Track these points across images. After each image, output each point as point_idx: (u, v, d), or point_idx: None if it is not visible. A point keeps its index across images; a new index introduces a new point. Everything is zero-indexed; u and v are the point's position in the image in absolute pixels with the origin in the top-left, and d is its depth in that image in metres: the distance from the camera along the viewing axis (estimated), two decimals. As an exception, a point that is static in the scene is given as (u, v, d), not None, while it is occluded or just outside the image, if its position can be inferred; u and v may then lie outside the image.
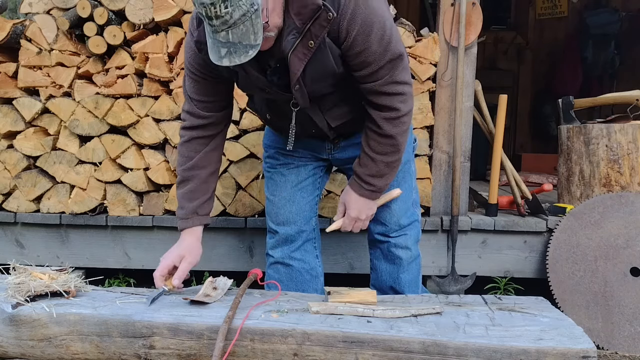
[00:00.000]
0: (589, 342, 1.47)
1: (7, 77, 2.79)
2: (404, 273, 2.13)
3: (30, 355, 1.64)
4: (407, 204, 2.09)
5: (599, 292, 2.52)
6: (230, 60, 1.50)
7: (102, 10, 2.63)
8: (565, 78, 5.87)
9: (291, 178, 2.07)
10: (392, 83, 1.71)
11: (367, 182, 1.84)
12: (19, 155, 2.79)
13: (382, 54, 1.66)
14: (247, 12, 1.42)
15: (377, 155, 1.80)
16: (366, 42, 1.63)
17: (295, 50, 1.61)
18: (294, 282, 2.10)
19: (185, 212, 1.88)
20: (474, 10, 2.74)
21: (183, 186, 1.89)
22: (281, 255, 2.10)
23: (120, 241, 2.86)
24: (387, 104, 1.73)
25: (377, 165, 1.81)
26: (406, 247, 2.11)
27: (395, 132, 1.76)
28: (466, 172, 2.83)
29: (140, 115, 2.72)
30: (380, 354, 1.49)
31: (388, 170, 1.84)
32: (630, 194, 2.63)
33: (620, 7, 5.84)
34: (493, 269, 2.85)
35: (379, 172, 1.83)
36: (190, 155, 1.88)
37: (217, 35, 1.47)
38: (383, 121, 1.75)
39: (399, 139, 1.78)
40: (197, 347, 1.55)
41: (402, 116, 1.75)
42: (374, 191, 1.86)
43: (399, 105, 1.73)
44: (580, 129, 2.85)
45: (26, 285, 1.66)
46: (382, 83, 1.70)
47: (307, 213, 2.10)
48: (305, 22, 1.58)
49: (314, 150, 2.05)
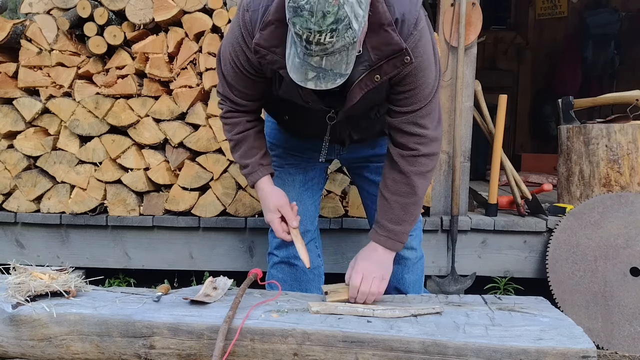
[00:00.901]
0: (588, 342, 1.47)
1: (7, 77, 2.79)
2: (408, 273, 2.12)
3: (30, 355, 1.64)
4: None
5: (599, 292, 2.52)
6: (316, 85, 1.47)
7: (102, 10, 2.63)
8: (565, 78, 5.87)
9: (299, 178, 2.06)
10: (413, 124, 1.71)
11: (383, 227, 1.78)
12: (19, 155, 2.79)
13: (422, 99, 1.68)
14: (347, 43, 1.40)
15: (391, 195, 1.76)
16: (413, 84, 1.65)
17: (360, 81, 1.61)
18: (298, 282, 2.10)
19: (251, 167, 1.87)
20: (473, 11, 2.74)
21: (238, 149, 1.89)
22: (286, 254, 2.09)
23: (120, 241, 2.86)
24: (404, 142, 1.73)
25: (392, 208, 1.76)
26: (412, 247, 2.11)
27: (411, 170, 1.73)
28: (466, 172, 2.83)
29: (140, 115, 2.72)
30: (380, 354, 1.49)
31: (404, 215, 1.77)
32: (630, 194, 2.63)
33: (620, 7, 5.84)
34: (493, 269, 2.85)
35: (396, 217, 1.77)
36: (234, 126, 1.88)
37: (309, 59, 1.43)
38: (399, 157, 1.74)
39: (414, 179, 1.74)
40: (197, 347, 1.55)
41: (420, 156, 1.74)
42: (391, 238, 1.77)
43: (415, 146, 1.73)
44: (580, 129, 2.86)
45: (26, 285, 1.66)
46: (405, 121, 1.71)
47: (312, 213, 2.10)
48: (381, 58, 1.57)
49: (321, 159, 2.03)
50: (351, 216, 2.79)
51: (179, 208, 2.77)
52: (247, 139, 1.88)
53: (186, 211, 2.79)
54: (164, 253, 2.85)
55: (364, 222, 2.75)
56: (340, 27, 1.36)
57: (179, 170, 2.77)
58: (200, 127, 2.73)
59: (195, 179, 2.75)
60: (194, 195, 2.77)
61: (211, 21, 2.67)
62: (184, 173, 2.75)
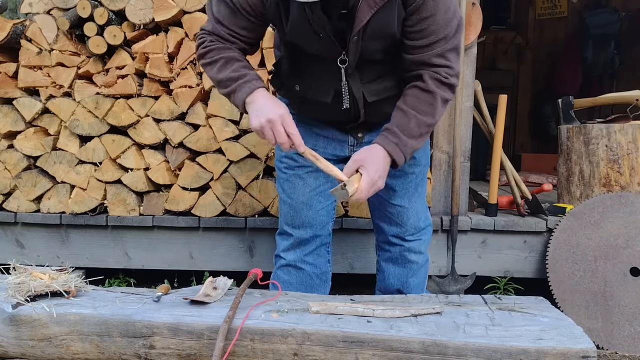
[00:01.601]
0: (588, 342, 1.47)
1: (7, 77, 2.79)
2: (413, 277, 2.10)
3: (30, 355, 1.64)
4: (423, 207, 2.08)
5: (599, 292, 2.52)
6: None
7: (102, 10, 2.64)
8: (565, 78, 5.87)
9: (310, 182, 1.99)
10: (440, 56, 1.66)
11: (394, 134, 1.68)
12: (19, 155, 2.79)
13: (444, 26, 1.62)
14: None
15: (410, 109, 1.68)
16: (434, 9, 1.59)
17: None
18: (303, 286, 2.06)
19: (249, 77, 1.70)
20: (474, 11, 2.74)
21: (229, 66, 1.71)
22: (294, 258, 2.05)
23: (120, 241, 2.86)
24: (435, 70, 1.67)
25: (409, 121, 1.67)
26: (419, 252, 2.08)
27: (436, 91, 1.66)
28: (466, 172, 2.83)
29: (140, 115, 2.72)
30: (380, 354, 1.49)
31: (417, 132, 1.69)
32: (630, 194, 2.63)
33: (620, 7, 5.84)
34: (493, 269, 2.85)
35: (409, 130, 1.68)
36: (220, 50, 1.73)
37: None
38: (428, 77, 1.67)
39: (438, 101, 1.67)
40: (197, 347, 1.55)
41: (446, 84, 1.68)
42: (397, 145, 1.67)
43: (445, 75, 1.67)
44: (580, 129, 2.86)
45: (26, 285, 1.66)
46: (432, 54, 1.65)
47: (324, 218, 2.04)
48: None
49: (336, 149, 1.97)
50: (351, 216, 2.79)
51: (179, 208, 2.77)
52: (240, 59, 1.74)
53: (186, 211, 2.79)
54: (164, 253, 2.85)
55: (364, 222, 2.76)
56: None
57: (179, 170, 2.77)
58: (200, 127, 2.73)
59: (195, 179, 2.75)
60: (194, 195, 2.77)
61: (211, 21, 2.66)
62: (184, 173, 2.75)
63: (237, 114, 2.70)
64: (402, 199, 2.01)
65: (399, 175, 1.95)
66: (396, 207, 2.02)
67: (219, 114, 2.70)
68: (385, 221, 2.07)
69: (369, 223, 2.74)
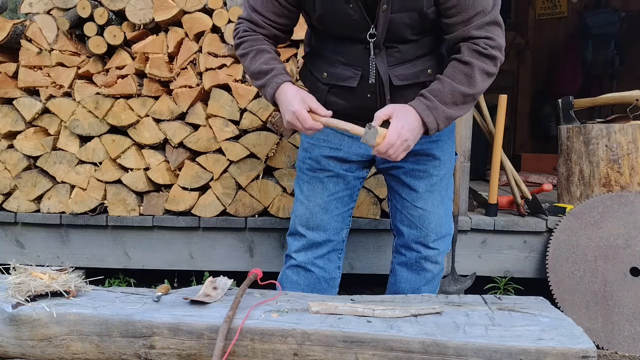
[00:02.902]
0: (588, 342, 1.47)
1: (7, 77, 2.79)
2: (425, 286, 2.07)
3: (30, 355, 1.64)
4: (448, 213, 2.03)
5: (599, 292, 2.52)
6: None
7: (102, 10, 2.64)
8: (565, 78, 5.87)
9: (330, 187, 1.98)
10: (480, 29, 1.64)
11: (427, 97, 1.66)
12: (19, 155, 2.79)
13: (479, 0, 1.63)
14: None
15: (447, 78, 1.66)
16: None
17: None
18: (310, 288, 2.04)
19: (277, 70, 1.74)
20: (473, 11, 2.73)
21: (260, 57, 1.77)
22: (304, 259, 2.03)
23: (120, 241, 2.86)
24: (475, 41, 1.65)
25: (444, 86, 1.65)
26: (436, 262, 2.05)
27: (475, 62, 1.64)
28: (466, 172, 2.83)
29: (140, 115, 2.73)
30: (380, 354, 1.49)
31: (451, 99, 1.66)
32: (630, 194, 2.63)
33: (620, 7, 5.84)
34: (493, 268, 2.85)
35: (442, 95, 1.65)
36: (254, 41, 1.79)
37: None
38: (466, 49, 1.66)
39: (476, 72, 1.64)
40: (197, 347, 1.55)
41: (487, 56, 1.65)
42: (430, 109, 1.64)
43: (484, 45, 1.65)
44: (580, 129, 2.86)
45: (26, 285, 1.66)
46: (471, 29, 1.65)
47: (339, 224, 2.03)
48: None
49: (361, 147, 1.93)
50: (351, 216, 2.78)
51: (179, 208, 2.77)
52: (269, 51, 1.79)
53: (186, 211, 2.79)
54: (164, 253, 2.85)
55: (364, 222, 2.76)
56: None
57: (179, 170, 2.77)
58: (200, 127, 2.73)
59: (195, 179, 2.75)
60: (194, 195, 2.77)
61: (211, 21, 2.67)
62: (184, 173, 2.75)
63: (237, 114, 2.70)
64: (425, 202, 1.98)
65: (422, 175, 1.94)
66: (418, 209, 1.98)
67: (219, 114, 2.70)
68: (405, 224, 2.03)
69: (369, 223, 2.75)
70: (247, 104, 2.69)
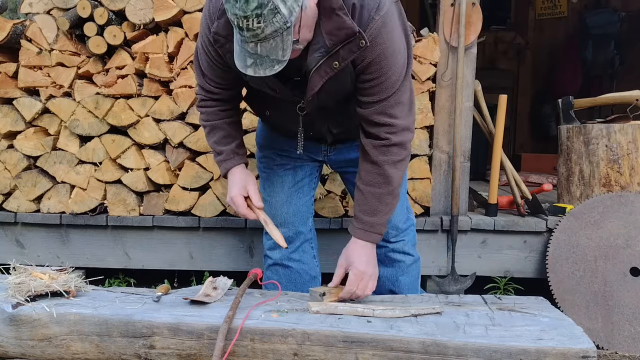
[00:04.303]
0: (588, 342, 1.47)
1: (7, 77, 2.79)
2: (403, 275, 2.12)
3: (30, 355, 1.64)
4: (402, 209, 2.09)
5: (599, 292, 2.52)
6: (254, 71, 1.48)
7: (102, 10, 2.63)
8: (565, 78, 5.87)
9: (288, 179, 2.06)
10: (382, 114, 1.70)
11: (358, 219, 1.78)
12: (19, 155, 2.79)
13: (388, 88, 1.66)
14: (279, 29, 1.40)
15: (365, 186, 1.76)
16: (378, 72, 1.64)
17: (318, 68, 1.61)
18: (292, 284, 2.09)
19: (225, 154, 1.89)
20: (474, 10, 2.74)
21: (213, 135, 1.91)
22: (279, 256, 2.10)
23: (120, 241, 2.86)
24: (374, 132, 1.73)
25: (367, 199, 1.76)
26: (404, 252, 2.11)
27: (383, 160, 1.72)
28: (466, 172, 2.83)
29: (140, 115, 2.72)
30: (380, 354, 1.49)
31: (378, 205, 1.76)
32: (630, 194, 2.63)
33: (620, 7, 5.84)
34: (493, 269, 2.85)
35: (370, 208, 1.76)
36: (209, 114, 1.91)
37: (245, 45, 1.45)
38: (371, 147, 1.73)
39: (387, 168, 1.73)
40: (197, 347, 1.55)
41: (391, 145, 1.72)
42: (367, 230, 1.76)
43: (386, 136, 1.72)
44: (580, 129, 2.86)
45: (26, 285, 1.66)
46: (374, 111, 1.70)
47: (304, 214, 2.10)
48: (336, 44, 1.57)
49: (310, 152, 2.04)
50: (351, 216, 2.78)
51: (179, 208, 2.77)
52: (222, 126, 1.90)
53: (186, 211, 2.79)
54: (164, 253, 2.85)
55: (364, 222, 2.75)
56: (265, 12, 1.36)
57: (179, 170, 2.77)
58: (200, 127, 2.72)
59: (195, 179, 2.75)
60: (194, 195, 2.77)
61: (211, 21, 2.66)
62: (184, 173, 2.75)
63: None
64: None
65: None
66: None
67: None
68: None
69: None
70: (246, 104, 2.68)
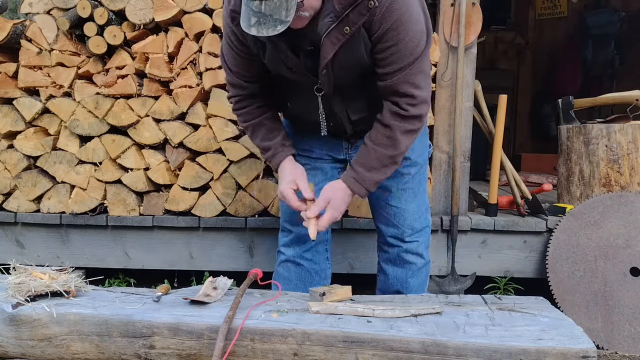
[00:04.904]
0: (588, 342, 1.47)
1: (7, 77, 2.79)
2: (412, 278, 2.12)
3: (30, 355, 1.64)
4: (421, 208, 2.09)
5: (599, 292, 2.52)
6: (258, 31, 1.49)
7: (102, 10, 2.63)
8: (565, 78, 5.87)
9: (308, 180, 2.03)
10: (405, 83, 1.69)
11: (354, 169, 1.80)
12: (19, 155, 2.79)
13: (408, 54, 1.65)
14: None
15: (372, 144, 1.77)
16: (395, 38, 1.62)
17: (329, 33, 1.61)
18: (302, 282, 2.10)
19: (273, 149, 1.90)
20: (474, 10, 2.74)
21: (257, 134, 1.92)
22: (293, 254, 2.10)
23: (120, 241, 2.86)
24: (396, 101, 1.72)
25: (369, 154, 1.77)
26: (417, 253, 2.10)
27: (396, 125, 1.73)
28: (466, 172, 2.83)
29: (140, 115, 2.72)
30: (380, 354, 1.49)
31: (377, 164, 1.77)
32: (630, 194, 2.63)
33: (620, 7, 5.84)
34: (493, 268, 2.85)
35: (369, 163, 1.78)
36: (247, 114, 1.92)
37: (250, 3, 1.47)
38: (387, 112, 1.74)
39: (397, 134, 1.74)
40: (197, 347, 1.55)
41: (409, 117, 1.73)
42: (357, 181, 1.79)
43: (406, 107, 1.72)
44: (580, 129, 2.86)
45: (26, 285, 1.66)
46: (397, 80, 1.69)
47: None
48: (345, 7, 1.58)
49: (331, 150, 2.03)
50: (351, 216, 2.78)
51: (179, 208, 2.77)
52: (263, 122, 1.91)
53: (186, 211, 2.79)
54: (164, 253, 2.85)
55: (364, 222, 2.75)
56: None
57: (179, 170, 2.77)
58: (200, 127, 2.73)
59: (195, 179, 2.75)
60: (194, 195, 2.77)
61: (211, 21, 2.66)
62: (184, 173, 2.75)
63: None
64: (399, 200, 2.04)
65: (394, 175, 1.97)
66: (392, 207, 2.05)
67: (219, 114, 2.70)
68: (382, 222, 2.10)
69: (369, 223, 2.75)
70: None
